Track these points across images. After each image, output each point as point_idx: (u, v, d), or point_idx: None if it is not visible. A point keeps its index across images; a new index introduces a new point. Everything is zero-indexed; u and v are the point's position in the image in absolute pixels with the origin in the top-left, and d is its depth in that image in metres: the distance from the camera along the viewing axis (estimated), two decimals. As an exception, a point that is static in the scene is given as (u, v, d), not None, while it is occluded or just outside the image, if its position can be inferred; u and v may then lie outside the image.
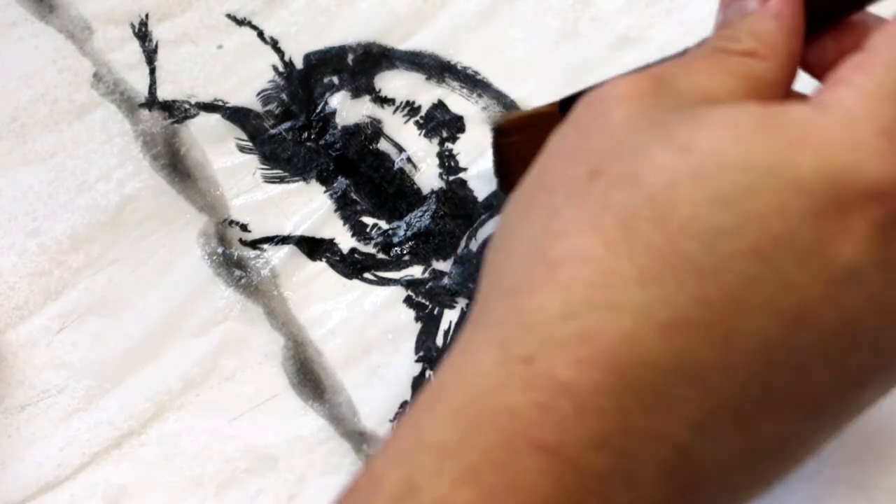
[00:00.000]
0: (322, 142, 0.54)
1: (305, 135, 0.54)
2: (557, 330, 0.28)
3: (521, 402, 0.28)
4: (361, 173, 0.53)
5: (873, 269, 0.29)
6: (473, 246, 0.51)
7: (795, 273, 0.28)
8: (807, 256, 0.28)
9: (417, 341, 0.50)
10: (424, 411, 0.29)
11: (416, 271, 0.51)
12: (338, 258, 0.52)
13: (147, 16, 0.56)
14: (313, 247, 0.52)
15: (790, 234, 0.28)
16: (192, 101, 0.55)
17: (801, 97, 0.34)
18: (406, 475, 0.28)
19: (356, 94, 0.55)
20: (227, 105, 0.55)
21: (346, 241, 0.52)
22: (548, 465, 0.27)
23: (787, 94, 0.33)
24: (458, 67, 0.55)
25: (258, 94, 0.55)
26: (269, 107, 0.55)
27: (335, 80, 0.55)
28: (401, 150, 0.53)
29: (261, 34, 0.56)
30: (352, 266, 0.52)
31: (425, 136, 0.54)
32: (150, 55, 0.56)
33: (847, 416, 0.32)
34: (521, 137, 0.44)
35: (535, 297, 0.29)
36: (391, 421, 0.49)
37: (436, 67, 0.55)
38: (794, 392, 0.29)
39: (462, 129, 0.54)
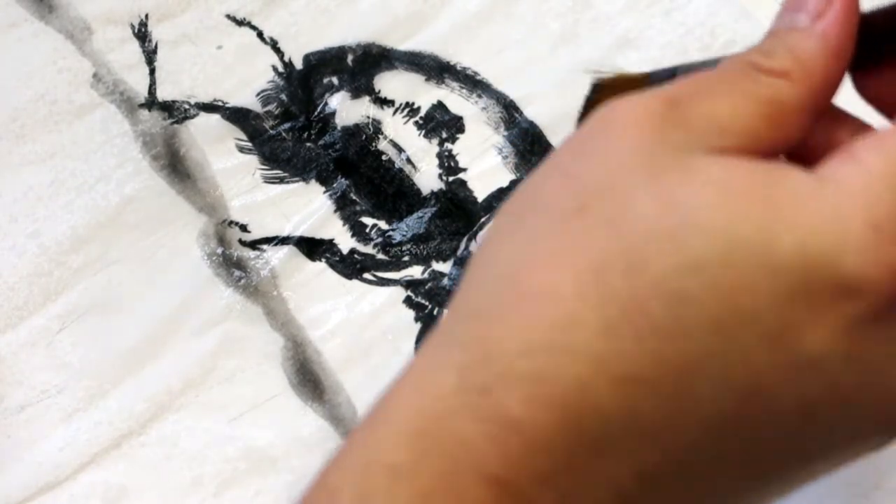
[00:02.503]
0: (322, 142, 0.54)
1: (305, 135, 0.54)
2: (516, 365, 0.28)
3: (474, 433, 0.28)
4: (361, 174, 0.53)
5: (838, 360, 0.28)
6: (473, 247, 0.51)
7: (756, 352, 0.28)
8: (770, 339, 0.28)
9: (417, 342, 0.50)
10: (381, 426, 0.29)
11: (415, 272, 0.51)
12: (337, 258, 0.52)
13: (147, 16, 0.56)
14: (313, 247, 0.52)
15: (757, 314, 0.28)
16: (192, 101, 0.55)
17: (830, 121, 0.33)
18: (361, 494, 0.28)
19: (356, 94, 0.55)
20: (227, 105, 0.55)
21: (345, 241, 0.52)
22: (495, 497, 0.27)
23: (813, 122, 0.32)
24: (458, 68, 0.55)
25: (258, 94, 0.55)
26: (269, 107, 0.55)
27: (335, 80, 0.55)
28: (401, 150, 0.53)
29: (260, 34, 0.56)
30: (351, 266, 0.52)
31: (425, 136, 0.54)
32: (150, 55, 0.56)
33: (799, 482, 0.31)
34: (613, 96, 0.43)
35: (500, 326, 0.29)
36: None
37: (435, 68, 0.55)
38: (744, 457, 0.29)
39: (462, 130, 0.54)
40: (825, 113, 0.32)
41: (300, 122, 0.54)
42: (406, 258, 0.52)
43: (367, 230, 0.52)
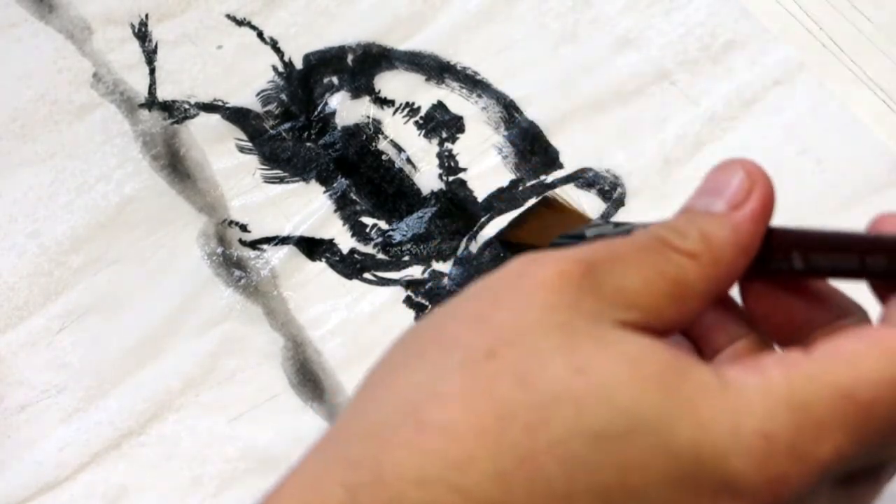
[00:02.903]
0: (322, 142, 0.54)
1: (305, 135, 0.54)
2: (409, 493, 0.29)
3: None
4: (361, 174, 0.53)
5: None
6: (473, 247, 0.51)
7: None
8: None
9: (417, 341, 0.50)
10: None
11: (415, 272, 0.51)
12: (337, 258, 0.52)
13: (147, 16, 0.56)
14: (313, 247, 0.52)
15: (645, 491, 0.29)
16: (192, 101, 0.55)
17: (725, 311, 0.34)
18: None
19: (356, 94, 0.55)
20: (227, 105, 0.55)
21: (345, 241, 0.52)
22: None
23: (708, 306, 0.33)
24: (458, 68, 0.55)
25: (258, 94, 0.55)
26: (269, 107, 0.55)
27: (335, 80, 0.55)
28: (401, 150, 0.53)
29: (260, 34, 0.56)
30: (351, 266, 0.52)
31: (425, 136, 0.54)
32: (150, 55, 0.56)
33: None
34: (548, 220, 0.45)
35: (397, 451, 0.29)
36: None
37: (435, 68, 0.55)
38: None
39: (462, 130, 0.54)
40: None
41: (300, 122, 0.54)
42: (406, 258, 0.52)
43: (367, 230, 0.52)
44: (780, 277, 0.34)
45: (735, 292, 0.34)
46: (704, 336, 0.35)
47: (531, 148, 0.53)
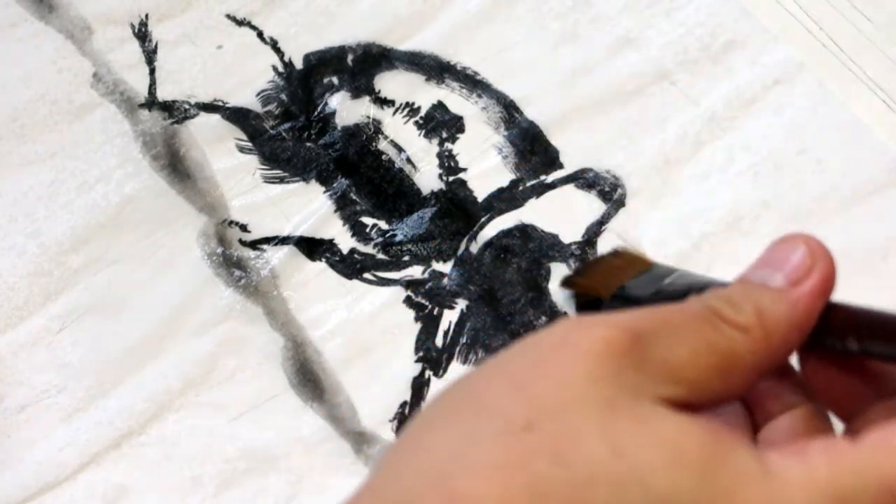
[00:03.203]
0: (322, 142, 0.54)
1: (305, 135, 0.54)
2: None
3: None
4: (361, 174, 0.53)
5: None
6: (473, 247, 0.51)
7: None
8: None
9: (417, 341, 0.50)
10: None
11: (415, 271, 0.51)
12: (337, 258, 0.52)
13: (147, 16, 0.56)
14: (313, 247, 0.52)
15: None
16: (192, 101, 0.55)
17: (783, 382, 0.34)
18: None
19: (356, 94, 0.55)
20: (227, 105, 0.55)
21: (345, 241, 0.52)
22: None
23: (759, 380, 0.33)
24: (458, 68, 0.55)
25: (258, 94, 0.55)
26: (269, 107, 0.55)
27: (335, 80, 0.55)
28: (401, 150, 0.53)
29: (260, 34, 0.56)
30: (351, 266, 0.52)
31: (425, 136, 0.54)
32: (150, 55, 0.56)
33: None
34: (617, 268, 0.44)
35: None
36: (391, 421, 0.49)
37: (435, 68, 0.55)
38: None
39: (462, 130, 0.54)
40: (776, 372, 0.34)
41: (300, 122, 0.54)
42: (406, 258, 0.52)
43: (367, 230, 0.52)
44: (837, 353, 0.34)
45: (794, 360, 0.34)
46: (760, 402, 0.35)
47: (531, 148, 0.53)
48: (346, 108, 0.54)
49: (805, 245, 0.34)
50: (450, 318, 0.51)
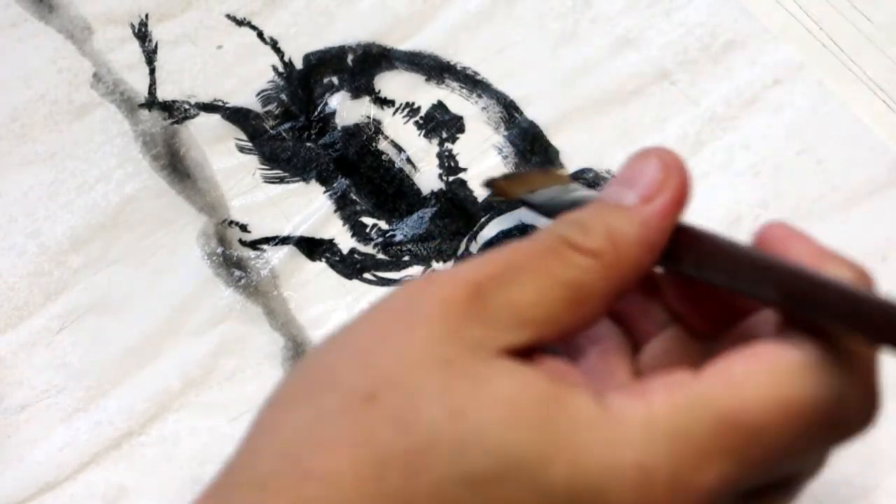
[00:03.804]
0: (322, 142, 0.54)
1: (305, 135, 0.54)
2: None
3: None
4: (361, 174, 0.53)
5: None
6: (473, 248, 0.51)
7: None
8: None
9: (417, 341, 0.50)
10: None
11: (415, 272, 0.51)
12: (337, 258, 0.52)
13: (147, 16, 0.56)
14: (313, 247, 0.52)
15: None
16: (192, 101, 0.55)
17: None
18: None
19: (356, 94, 0.55)
20: (227, 105, 0.55)
21: (345, 241, 0.52)
22: None
23: (614, 304, 0.32)
24: (458, 68, 0.55)
25: (258, 94, 0.55)
26: (269, 107, 0.55)
27: (335, 80, 0.55)
28: (401, 150, 0.53)
29: (260, 34, 0.56)
30: (351, 266, 0.52)
31: (425, 136, 0.54)
32: (150, 55, 0.56)
33: None
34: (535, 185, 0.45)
35: (279, 500, 0.29)
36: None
37: (435, 68, 0.55)
38: None
39: (462, 130, 0.54)
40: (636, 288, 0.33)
41: (300, 122, 0.54)
42: (406, 258, 0.52)
43: (367, 230, 0.52)
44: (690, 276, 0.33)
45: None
46: (634, 323, 0.34)
47: (531, 148, 0.53)
48: (346, 108, 0.54)
49: (658, 159, 0.33)
50: (450, 318, 0.51)
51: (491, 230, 0.52)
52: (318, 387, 0.31)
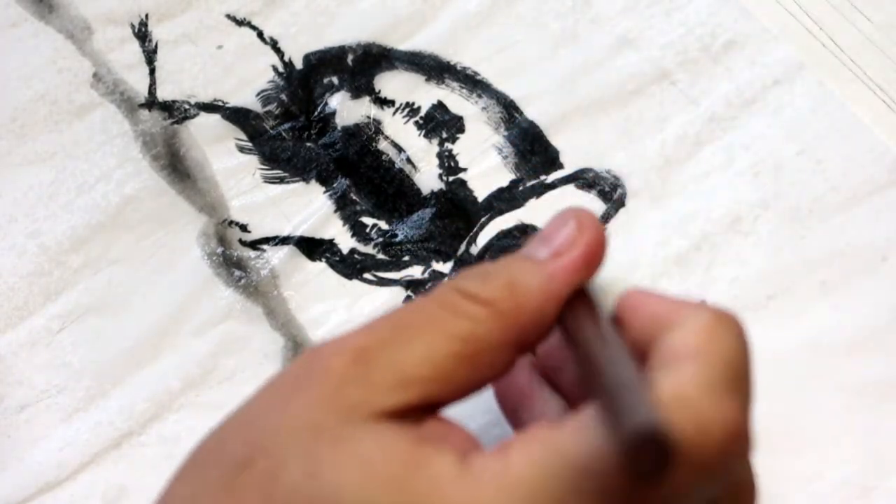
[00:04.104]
0: (322, 142, 0.54)
1: (305, 135, 0.54)
2: None
3: None
4: (361, 174, 0.53)
5: None
6: (473, 248, 0.51)
7: None
8: None
9: (417, 341, 0.50)
10: None
11: (415, 272, 0.51)
12: (337, 258, 0.52)
13: (147, 16, 0.56)
14: (313, 247, 0.52)
15: None
16: (192, 101, 0.55)
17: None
18: None
19: (356, 94, 0.55)
20: (227, 105, 0.55)
21: (345, 241, 0.52)
22: None
23: (517, 357, 0.32)
24: (458, 68, 0.55)
25: (258, 94, 0.55)
26: (269, 107, 0.55)
27: (335, 80, 0.55)
28: (401, 150, 0.53)
29: (260, 34, 0.56)
30: (351, 266, 0.52)
31: (425, 136, 0.54)
32: (150, 55, 0.56)
33: None
34: None
35: None
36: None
37: (435, 68, 0.55)
38: None
39: (462, 130, 0.54)
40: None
41: (300, 122, 0.54)
42: (406, 258, 0.52)
43: (367, 230, 0.52)
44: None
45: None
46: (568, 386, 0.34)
47: (531, 148, 0.53)
48: (346, 108, 0.54)
49: (575, 218, 0.33)
50: (450, 318, 0.51)
51: (491, 230, 0.52)
52: (206, 458, 0.32)
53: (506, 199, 0.52)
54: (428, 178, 0.53)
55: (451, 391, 0.31)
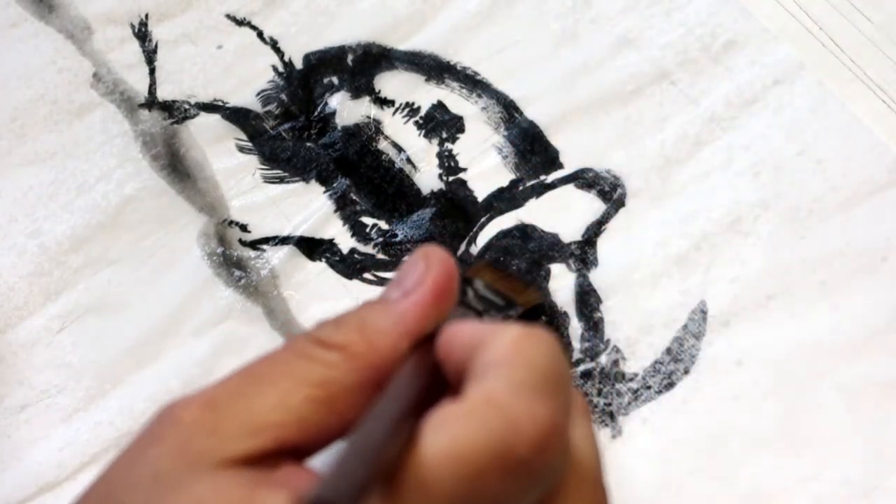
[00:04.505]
0: (322, 142, 0.54)
1: (305, 135, 0.54)
2: None
3: None
4: (361, 174, 0.53)
5: None
6: (473, 248, 0.51)
7: None
8: None
9: (417, 341, 0.50)
10: None
11: (415, 272, 0.51)
12: (337, 258, 0.52)
13: (147, 16, 0.57)
14: (313, 247, 0.52)
15: None
16: (192, 101, 0.55)
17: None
18: None
19: (356, 94, 0.55)
20: (227, 105, 0.55)
21: (345, 241, 0.52)
22: None
23: (372, 397, 0.32)
24: (458, 68, 0.55)
25: (258, 94, 0.55)
26: (269, 107, 0.55)
27: (335, 80, 0.55)
28: (401, 150, 0.53)
29: (260, 34, 0.56)
30: (351, 266, 0.52)
31: (425, 136, 0.54)
32: (150, 55, 0.56)
33: None
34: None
35: None
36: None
37: (435, 68, 0.55)
38: None
39: (462, 130, 0.54)
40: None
41: (300, 122, 0.54)
42: (406, 258, 0.52)
43: (367, 230, 0.52)
44: None
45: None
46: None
47: (531, 148, 0.53)
48: (346, 108, 0.54)
49: (423, 258, 0.34)
50: (450, 318, 0.51)
51: (491, 230, 0.52)
52: None
53: (506, 199, 0.52)
54: (428, 178, 0.53)
55: (311, 437, 0.31)
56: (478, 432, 0.29)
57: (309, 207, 0.53)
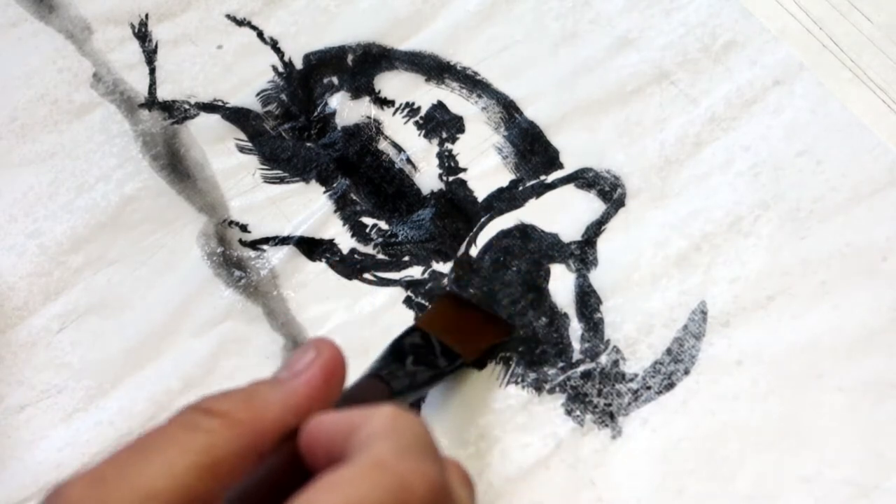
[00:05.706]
0: (322, 142, 0.54)
1: (305, 135, 0.54)
2: None
3: None
4: (361, 174, 0.53)
5: None
6: (473, 249, 0.51)
7: None
8: None
9: (417, 342, 0.50)
10: None
11: (415, 272, 0.51)
12: (337, 259, 0.52)
13: (147, 16, 0.57)
14: (313, 247, 0.52)
15: None
16: (192, 101, 0.55)
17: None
18: None
19: (356, 94, 0.55)
20: (227, 105, 0.55)
21: (345, 241, 0.52)
22: None
23: (258, 462, 0.34)
24: (458, 68, 0.55)
25: (258, 94, 0.55)
26: (269, 107, 0.55)
27: (335, 80, 0.55)
28: (400, 150, 0.53)
29: (260, 34, 0.56)
30: (351, 266, 0.52)
31: (425, 136, 0.54)
32: (150, 55, 0.56)
33: None
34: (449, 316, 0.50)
35: None
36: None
37: (435, 68, 0.55)
38: None
39: (462, 130, 0.54)
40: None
41: (300, 122, 0.54)
42: (406, 258, 0.52)
43: (367, 230, 0.52)
44: None
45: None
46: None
47: (531, 148, 0.53)
48: (346, 108, 0.54)
49: (314, 346, 0.37)
50: (450, 318, 0.51)
51: (491, 230, 0.52)
52: None
53: (506, 199, 0.52)
54: (428, 178, 0.53)
55: (195, 500, 0.33)
56: (372, 491, 0.31)
57: (309, 207, 0.53)
